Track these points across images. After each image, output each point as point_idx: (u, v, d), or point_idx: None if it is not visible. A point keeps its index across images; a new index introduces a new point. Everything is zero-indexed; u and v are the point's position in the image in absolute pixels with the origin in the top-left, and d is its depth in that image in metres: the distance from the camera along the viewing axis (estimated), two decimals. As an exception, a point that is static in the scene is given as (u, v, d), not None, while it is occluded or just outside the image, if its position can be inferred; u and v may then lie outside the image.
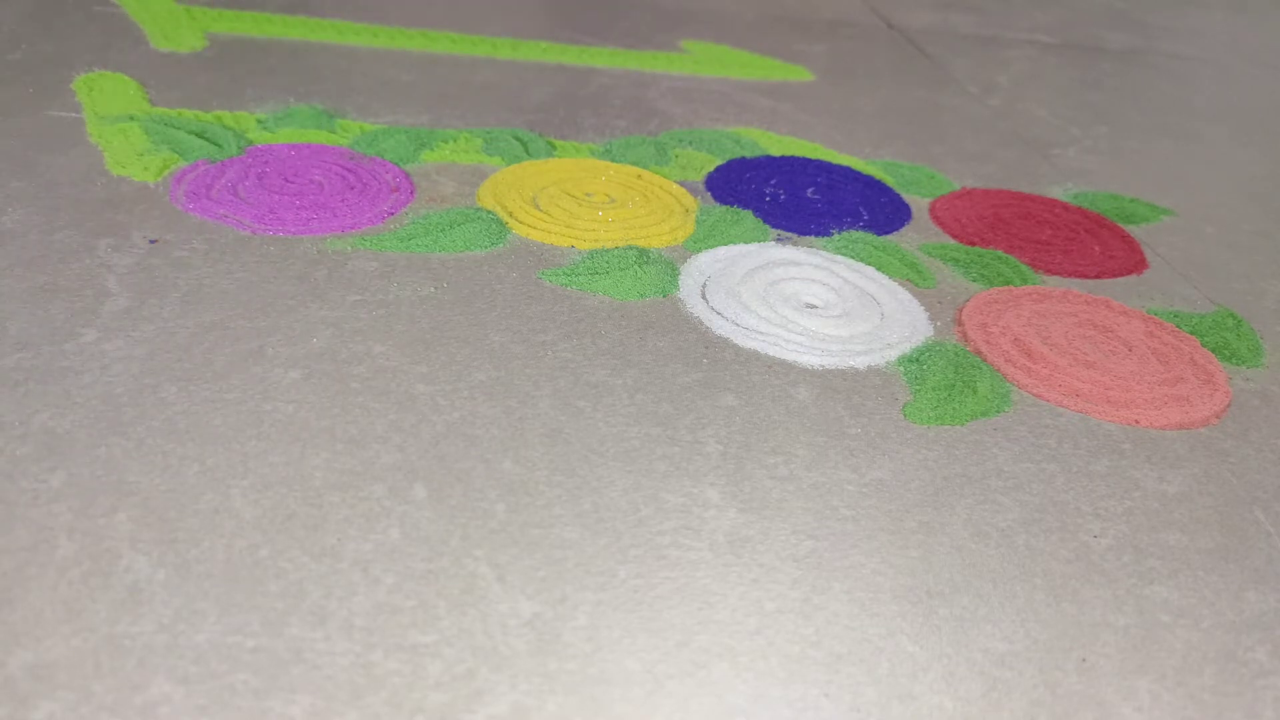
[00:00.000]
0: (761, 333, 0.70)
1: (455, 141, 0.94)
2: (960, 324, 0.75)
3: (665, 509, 0.54)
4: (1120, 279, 0.86)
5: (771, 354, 0.68)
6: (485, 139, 0.95)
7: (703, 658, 0.46)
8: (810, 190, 0.94)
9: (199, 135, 0.87)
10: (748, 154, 1.00)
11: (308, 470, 0.53)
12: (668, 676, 0.45)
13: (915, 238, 0.88)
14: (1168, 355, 0.74)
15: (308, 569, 0.47)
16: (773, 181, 0.94)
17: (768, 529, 0.53)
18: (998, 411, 0.66)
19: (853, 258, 0.82)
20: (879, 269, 0.81)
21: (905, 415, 0.64)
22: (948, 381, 0.68)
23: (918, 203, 0.95)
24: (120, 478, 0.51)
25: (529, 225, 0.80)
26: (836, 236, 0.86)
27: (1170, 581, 0.54)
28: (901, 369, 0.69)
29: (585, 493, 0.54)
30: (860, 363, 0.69)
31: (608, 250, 0.78)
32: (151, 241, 0.71)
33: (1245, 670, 0.49)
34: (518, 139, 0.96)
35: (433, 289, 0.70)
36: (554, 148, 0.96)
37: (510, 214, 0.81)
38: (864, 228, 0.88)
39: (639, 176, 0.91)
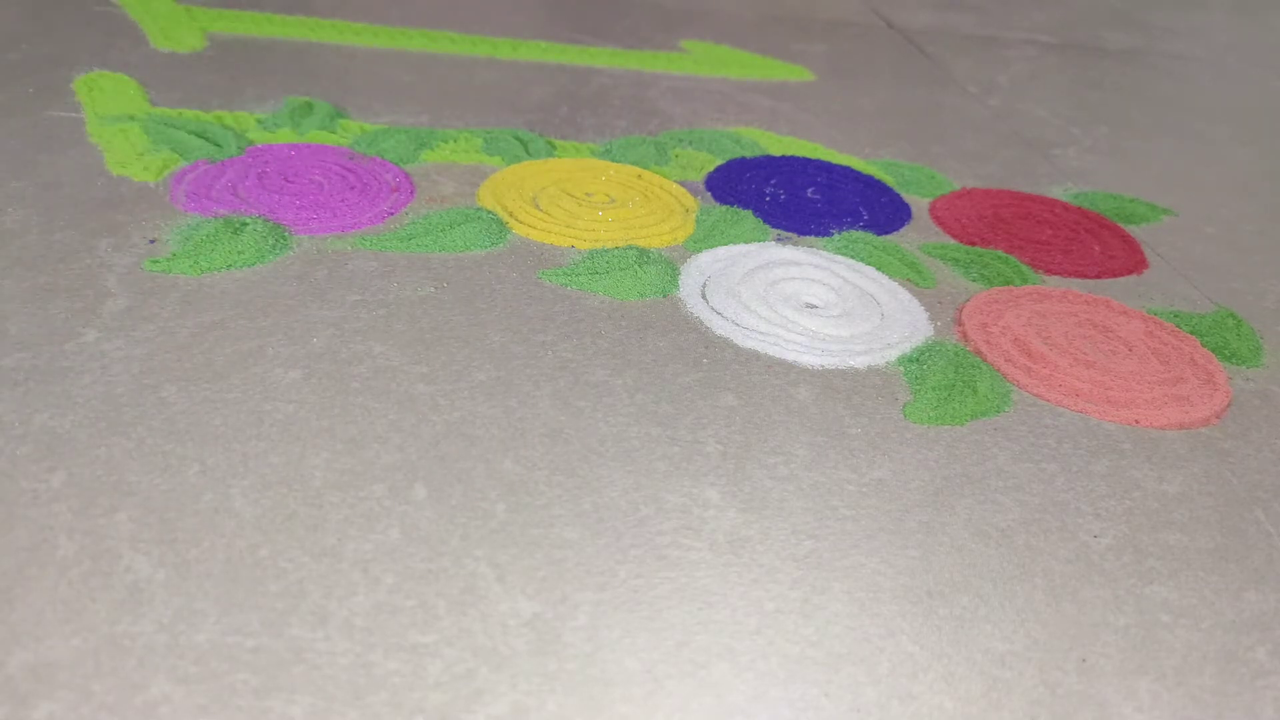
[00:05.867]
0: (761, 333, 0.70)
1: (455, 141, 0.94)
2: (960, 324, 0.75)
3: (665, 509, 0.54)
4: (1120, 279, 0.86)
5: (771, 354, 0.68)
6: (485, 139, 0.95)
7: (703, 658, 0.46)
8: (810, 190, 0.94)
9: (199, 135, 0.87)
10: (748, 154, 1.00)
11: (308, 470, 0.53)
12: (668, 676, 0.45)
13: (915, 238, 0.88)
14: (1168, 355, 0.74)
15: (308, 569, 0.47)
16: (773, 181, 0.94)
17: (768, 529, 0.53)
18: (998, 411, 0.66)
19: (853, 258, 0.82)
20: (879, 269, 0.81)
21: (905, 415, 0.64)
22: (948, 381, 0.68)
23: (918, 203, 0.95)
24: (120, 478, 0.51)
25: (529, 225, 0.80)
26: (836, 236, 0.86)
27: (1170, 581, 0.54)
28: (902, 369, 0.69)
29: (585, 493, 0.54)
30: (860, 363, 0.69)
31: (608, 250, 0.78)
32: (151, 241, 0.71)
33: (1245, 670, 0.49)
34: (518, 139, 0.96)
35: (433, 289, 0.70)
36: (554, 148, 0.96)
37: (510, 214, 0.81)
38: (864, 228, 0.88)
39: (639, 176, 0.91)
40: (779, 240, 0.84)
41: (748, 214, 0.87)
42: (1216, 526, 0.58)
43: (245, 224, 0.74)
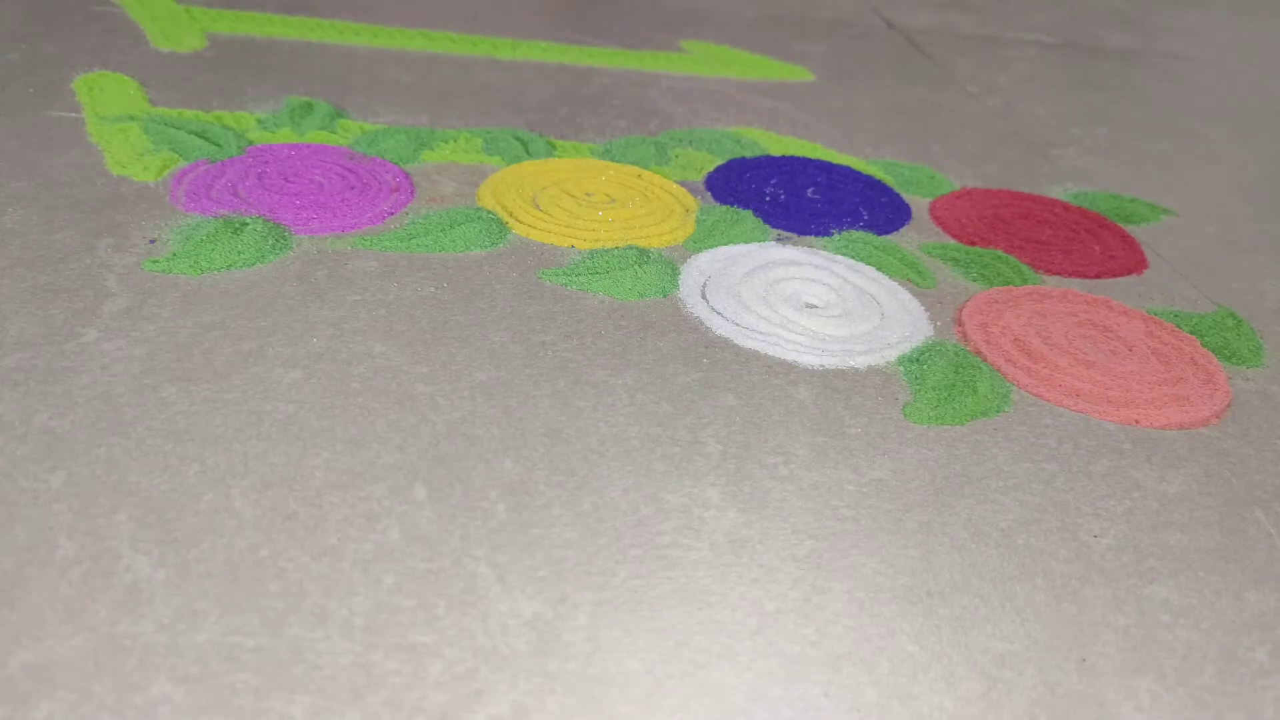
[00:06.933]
0: (761, 333, 0.70)
1: (455, 141, 0.94)
2: (960, 324, 0.75)
3: (665, 509, 0.54)
4: (1120, 279, 0.86)
5: (771, 354, 0.68)
6: (485, 139, 0.95)
7: (703, 658, 0.46)
8: (810, 190, 0.94)
9: (199, 135, 0.87)
10: (748, 154, 1.00)
11: (308, 470, 0.53)
12: (668, 676, 0.45)
13: (915, 238, 0.88)
14: (1168, 355, 0.74)
15: (308, 569, 0.47)
16: (773, 181, 0.94)
17: (768, 529, 0.53)
18: (998, 411, 0.66)
19: (853, 258, 0.82)
20: (879, 269, 0.81)
21: (905, 415, 0.64)
22: (948, 381, 0.68)
23: (918, 203, 0.95)
24: (120, 478, 0.51)
25: (529, 225, 0.80)
26: (836, 236, 0.86)
27: (1170, 581, 0.54)
28: (901, 369, 0.69)
29: (585, 493, 0.54)
30: (860, 363, 0.69)
31: (608, 250, 0.78)
32: (151, 241, 0.71)
33: (1245, 670, 0.49)
34: (518, 139, 0.96)
35: (433, 289, 0.70)
36: (554, 148, 0.96)
37: (510, 214, 0.81)
38: (864, 228, 0.88)
39: (639, 176, 0.91)
40: (779, 240, 0.84)
41: (748, 214, 0.87)
42: (1216, 526, 0.58)
43: (245, 224, 0.74)
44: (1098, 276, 0.85)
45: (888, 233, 0.88)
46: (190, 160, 0.83)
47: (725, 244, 0.82)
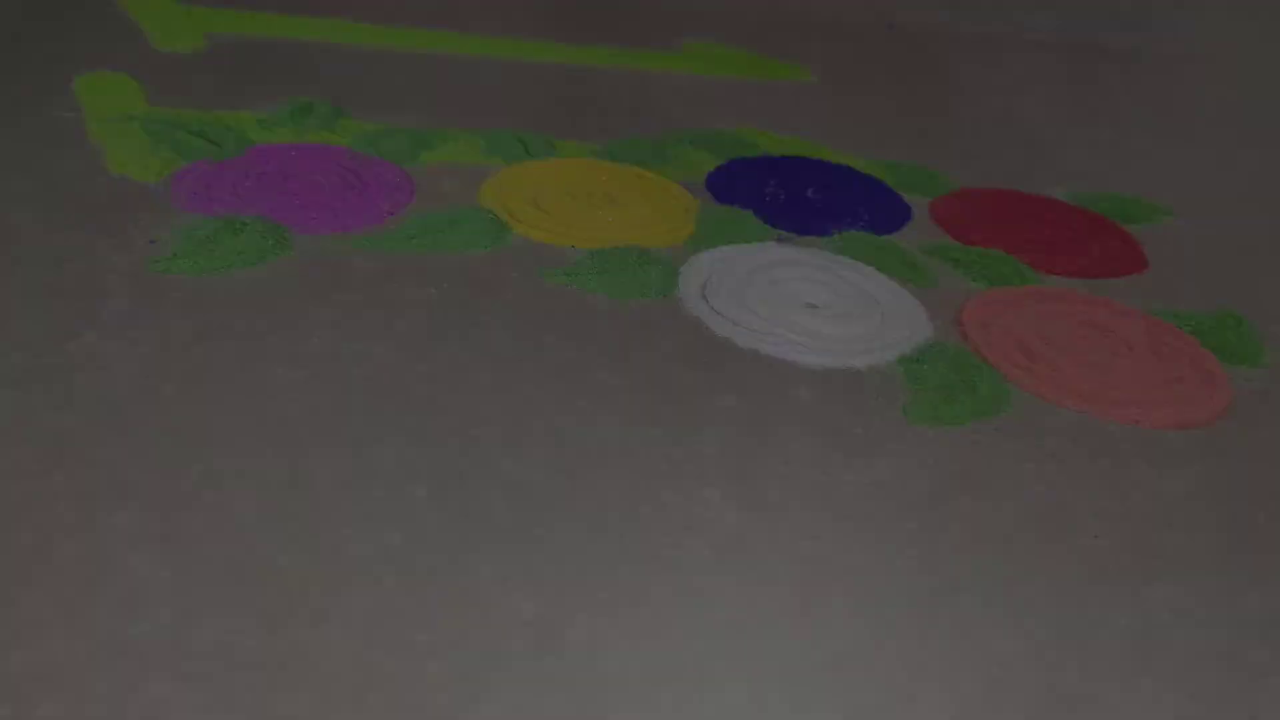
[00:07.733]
0: (762, 333, 0.70)
1: (455, 141, 0.94)
2: (960, 324, 0.75)
3: (665, 509, 0.54)
4: (1120, 279, 0.86)
5: (771, 354, 0.68)
6: (485, 139, 0.95)
7: (703, 658, 0.46)
8: (810, 190, 0.94)
9: (199, 135, 0.87)
10: (748, 154, 1.00)
11: (308, 470, 0.53)
12: (668, 677, 0.45)
13: (915, 238, 0.88)
14: (1168, 355, 0.74)
15: (308, 569, 0.47)
16: (773, 181, 0.94)
17: (768, 529, 0.53)
18: (998, 411, 0.66)
19: (853, 258, 0.82)
20: (879, 269, 0.81)
21: (905, 415, 0.64)
22: (948, 381, 0.68)
23: (918, 203, 0.95)
24: (120, 478, 0.51)
25: (530, 225, 0.80)
26: (836, 236, 0.86)
27: (1170, 581, 0.54)
28: (901, 369, 0.69)
29: (585, 493, 0.54)
30: (860, 363, 0.69)
31: (608, 250, 0.78)
32: (151, 242, 0.71)
33: (1245, 670, 0.49)
34: (518, 139, 0.96)
35: (433, 289, 0.70)
36: (554, 148, 0.96)
37: (511, 214, 0.81)
38: (864, 228, 0.88)
39: (639, 176, 0.91)
40: (779, 240, 0.84)
41: (748, 214, 0.87)
42: (1216, 526, 0.58)
43: (245, 224, 0.74)
44: (1098, 276, 0.85)
45: (888, 233, 0.88)
46: (190, 160, 0.83)
47: (725, 244, 0.82)
